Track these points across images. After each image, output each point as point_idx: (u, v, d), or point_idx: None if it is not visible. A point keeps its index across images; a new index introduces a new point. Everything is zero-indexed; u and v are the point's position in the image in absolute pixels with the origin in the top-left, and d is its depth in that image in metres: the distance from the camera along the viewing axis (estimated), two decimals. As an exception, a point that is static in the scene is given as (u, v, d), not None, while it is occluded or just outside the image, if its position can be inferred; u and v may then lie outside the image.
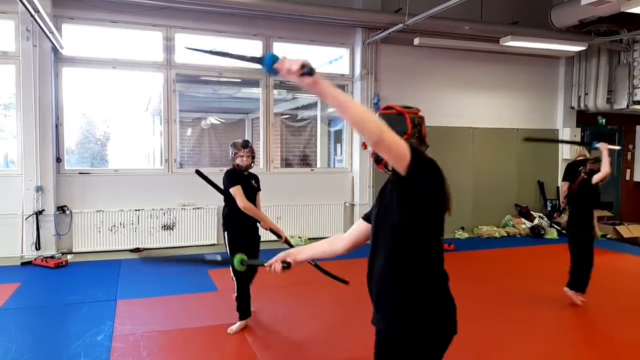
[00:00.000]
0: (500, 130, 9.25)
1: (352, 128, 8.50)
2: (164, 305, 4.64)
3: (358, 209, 8.30)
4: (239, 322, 4.03)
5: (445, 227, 1.79)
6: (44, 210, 6.58)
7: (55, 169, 6.78)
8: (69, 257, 6.52)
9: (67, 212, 6.84)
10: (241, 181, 4.00)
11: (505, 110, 9.36)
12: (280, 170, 8.21)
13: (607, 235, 6.66)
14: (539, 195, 9.61)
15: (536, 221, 8.81)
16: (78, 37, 6.98)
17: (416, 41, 7.67)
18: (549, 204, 9.38)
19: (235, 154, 4.03)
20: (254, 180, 4.19)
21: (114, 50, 7.14)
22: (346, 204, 8.40)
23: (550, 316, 4.56)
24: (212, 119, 8.82)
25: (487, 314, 4.46)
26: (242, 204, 3.90)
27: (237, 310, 4.05)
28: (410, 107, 1.88)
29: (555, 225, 8.75)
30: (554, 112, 9.80)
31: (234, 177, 4.01)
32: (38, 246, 6.52)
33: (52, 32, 6.19)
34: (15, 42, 6.55)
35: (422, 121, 1.87)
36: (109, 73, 7.25)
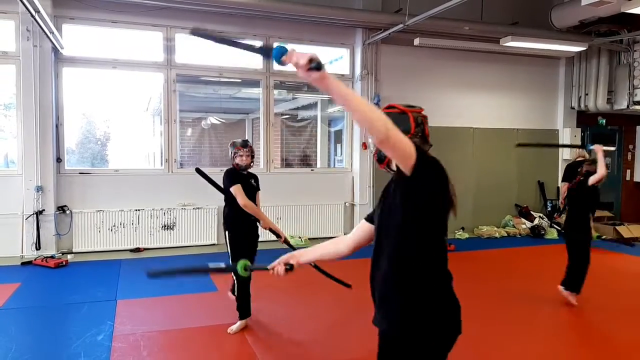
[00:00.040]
0: (500, 130, 9.26)
1: (352, 128, 8.51)
2: (164, 305, 4.64)
3: (358, 209, 8.31)
4: (239, 321, 4.03)
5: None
6: (44, 210, 6.58)
7: (55, 169, 6.79)
8: (69, 257, 6.53)
9: (67, 212, 6.84)
10: (241, 180, 4.01)
11: (505, 110, 9.37)
12: (281, 171, 8.22)
13: (602, 237, 6.64)
14: (539, 195, 9.62)
15: (536, 221, 8.81)
16: (78, 37, 6.99)
17: (416, 41, 7.67)
18: (549, 204, 9.38)
19: (234, 153, 4.05)
20: (253, 179, 4.21)
21: (114, 51, 7.15)
22: (346, 204, 8.40)
23: (550, 316, 4.56)
24: (213, 119, 8.82)
25: (487, 314, 4.46)
26: (242, 201, 3.92)
27: (237, 310, 4.06)
28: (413, 106, 1.86)
29: (555, 226, 8.75)
30: (554, 112, 9.80)
31: (234, 176, 4.02)
32: (38, 246, 6.53)
33: (52, 32, 6.20)
34: (16, 42, 6.55)
35: (425, 120, 1.85)
36: (109, 73, 7.26)
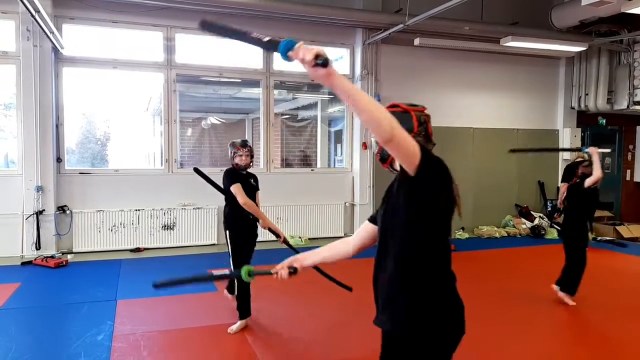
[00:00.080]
0: (500, 130, 9.26)
1: (352, 128, 8.52)
2: (164, 305, 4.64)
3: (358, 209, 8.31)
4: (239, 321, 4.03)
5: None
6: (44, 210, 6.58)
7: (55, 168, 6.79)
8: (69, 257, 6.53)
9: (68, 212, 6.84)
10: (240, 180, 4.04)
11: (506, 110, 9.37)
12: (281, 171, 8.22)
13: (598, 238, 6.65)
14: (539, 195, 9.62)
15: (536, 221, 8.81)
16: (78, 37, 6.99)
17: (416, 41, 7.67)
18: (549, 204, 9.38)
19: (234, 153, 4.08)
20: (252, 179, 4.24)
21: (114, 50, 7.15)
22: (346, 204, 8.40)
23: (550, 316, 4.56)
24: (213, 119, 8.81)
25: (487, 314, 4.46)
26: (242, 200, 3.94)
27: (237, 310, 4.06)
28: (416, 105, 1.84)
29: (555, 226, 8.74)
30: (554, 112, 9.80)
31: (233, 175, 4.05)
32: (38, 246, 6.53)
33: (52, 32, 6.20)
34: (16, 42, 6.56)
35: (428, 119, 1.83)
36: (109, 73, 7.26)
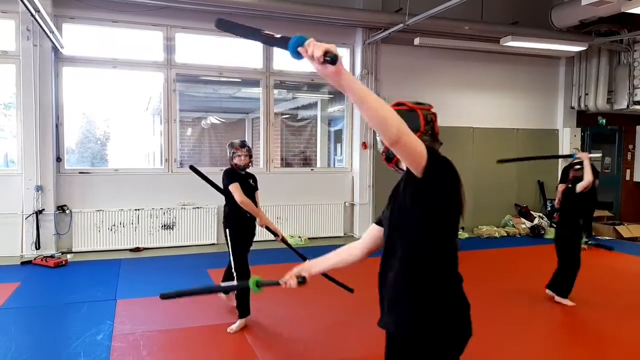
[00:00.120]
0: (500, 130, 9.26)
1: (351, 128, 8.51)
2: (163, 305, 4.62)
3: (358, 209, 8.31)
4: (239, 320, 4.03)
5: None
6: (43, 209, 6.58)
7: (55, 168, 6.79)
8: (69, 256, 6.52)
9: (67, 211, 6.84)
10: (239, 180, 4.11)
11: (506, 110, 9.37)
12: (280, 170, 8.22)
13: (589, 242, 6.67)
14: (539, 195, 9.62)
15: (536, 221, 8.81)
16: (78, 36, 6.99)
17: (416, 41, 7.67)
18: (548, 204, 9.38)
19: (233, 153, 4.15)
20: (251, 179, 4.30)
21: (114, 50, 7.15)
22: (346, 203, 8.40)
23: (550, 316, 4.56)
24: (212, 119, 8.81)
25: (487, 314, 4.45)
26: (239, 198, 4.00)
27: (237, 309, 4.07)
28: (422, 103, 1.80)
29: (555, 225, 8.73)
30: (554, 112, 9.80)
31: (232, 175, 4.12)
32: (38, 245, 6.53)
33: (52, 32, 6.19)
34: (16, 42, 6.55)
35: (435, 118, 1.79)
36: (109, 73, 7.26)
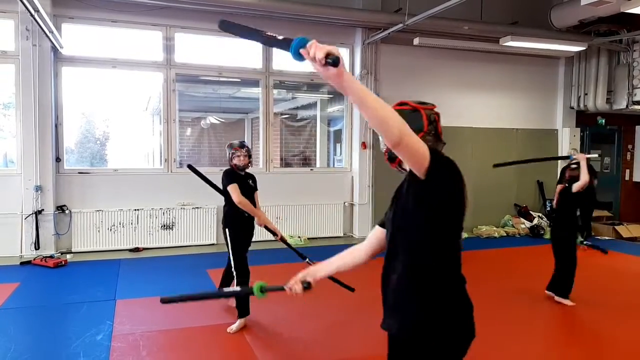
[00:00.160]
0: (500, 130, 9.26)
1: (351, 128, 8.51)
2: (163, 305, 4.60)
3: (357, 209, 8.31)
4: (239, 320, 4.03)
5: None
6: (43, 209, 6.57)
7: (54, 168, 6.78)
8: (68, 256, 6.52)
9: (67, 211, 6.83)
10: (238, 180, 4.13)
11: (505, 110, 9.37)
12: (280, 170, 8.21)
13: (585, 242, 6.68)
14: (538, 195, 9.62)
15: (535, 221, 8.81)
16: (78, 36, 6.98)
17: (416, 41, 7.67)
18: (548, 204, 9.37)
19: (232, 154, 4.17)
20: (251, 180, 4.32)
21: (114, 50, 7.14)
22: (346, 203, 8.40)
23: (549, 316, 4.56)
24: (212, 119, 8.82)
25: (486, 314, 4.41)
26: (237, 199, 4.02)
27: (237, 308, 4.08)
28: (425, 103, 1.78)
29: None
30: (554, 112, 9.81)
31: (232, 176, 4.14)
32: (37, 246, 6.52)
33: (51, 32, 6.19)
34: (15, 42, 6.54)
35: (438, 118, 1.77)
36: (108, 72, 7.25)
